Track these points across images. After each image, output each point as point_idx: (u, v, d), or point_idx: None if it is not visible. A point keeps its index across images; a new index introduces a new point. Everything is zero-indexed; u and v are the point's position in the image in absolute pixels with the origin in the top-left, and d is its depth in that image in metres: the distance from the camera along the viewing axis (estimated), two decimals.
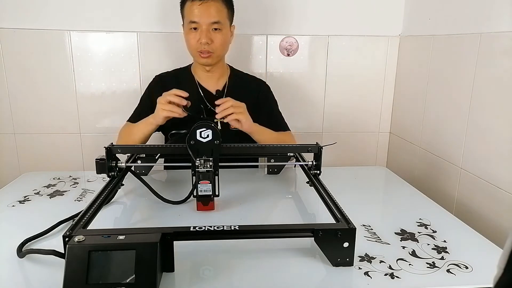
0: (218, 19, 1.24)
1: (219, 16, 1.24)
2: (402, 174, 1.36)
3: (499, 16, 1.11)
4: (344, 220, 0.77)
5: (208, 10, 1.22)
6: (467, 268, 0.76)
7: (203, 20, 1.23)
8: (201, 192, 0.94)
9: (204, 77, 1.37)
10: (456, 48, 1.30)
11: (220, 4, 1.24)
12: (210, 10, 1.22)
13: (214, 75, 1.36)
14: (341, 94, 1.76)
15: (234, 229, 0.73)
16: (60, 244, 0.67)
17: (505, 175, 1.09)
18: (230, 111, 1.11)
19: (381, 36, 1.71)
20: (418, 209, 1.04)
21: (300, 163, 1.15)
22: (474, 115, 1.21)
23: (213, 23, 1.23)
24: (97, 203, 0.84)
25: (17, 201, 1.05)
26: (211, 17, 1.23)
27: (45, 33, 1.56)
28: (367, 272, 0.74)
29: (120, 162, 1.04)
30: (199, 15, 1.22)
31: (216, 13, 1.23)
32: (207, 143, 0.93)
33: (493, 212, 1.13)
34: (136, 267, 0.63)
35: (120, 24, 1.59)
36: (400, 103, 1.74)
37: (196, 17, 1.23)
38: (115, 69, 1.63)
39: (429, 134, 1.49)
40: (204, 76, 1.36)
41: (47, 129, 1.66)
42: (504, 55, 1.09)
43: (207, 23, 1.23)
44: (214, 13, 1.23)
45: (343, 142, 1.78)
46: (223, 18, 1.26)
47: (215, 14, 1.23)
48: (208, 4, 1.22)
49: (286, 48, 1.69)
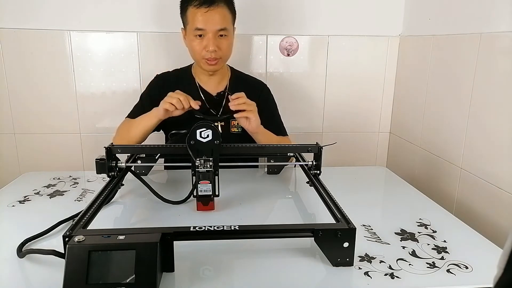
0: (225, 26, 1.22)
1: (225, 22, 1.22)
2: (402, 174, 1.36)
3: (499, 16, 1.11)
4: (344, 220, 0.77)
5: (214, 17, 1.20)
6: (467, 268, 0.76)
7: (210, 28, 1.20)
8: (201, 192, 0.94)
9: (205, 79, 1.36)
10: (456, 48, 1.30)
11: (225, 10, 1.22)
12: (216, 17, 1.20)
13: (215, 78, 1.36)
14: (341, 94, 1.76)
15: (234, 229, 0.73)
16: (60, 244, 0.67)
17: (505, 175, 1.09)
18: (243, 107, 1.11)
19: (381, 36, 1.71)
20: (418, 209, 1.04)
21: (300, 163, 1.15)
22: (474, 115, 1.21)
23: (219, 30, 1.22)
24: (97, 203, 0.84)
25: (17, 201, 1.05)
26: (217, 24, 1.21)
27: (45, 33, 1.56)
28: (367, 272, 0.74)
29: (120, 162, 1.04)
30: (205, 23, 1.20)
31: (223, 20, 1.22)
32: (207, 143, 0.93)
33: (493, 212, 1.13)
34: (136, 267, 0.63)
35: (120, 24, 1.59)
36: (400, 103, 1.74)
37: (202, 24, 1.20)
38: (115, 69, 1.64)
39: (429, 134, 1.49)
40: (205, 78, 1.36)
41: (47, 129, 1.66)
42: (504, 55, 1.09)
43: (214, 30, 1.21)
44: (221, 20, 1.21)
45: (343, 142, 1.78)
46: (229, 24, 1.24)
47: (222, 21, 1.21)
48: (214, 11, 1.20)
49: (286, 48, 1.69)
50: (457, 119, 1.29)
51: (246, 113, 1.12)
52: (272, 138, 1.28)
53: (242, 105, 1.11)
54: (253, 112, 1.14)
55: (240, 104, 1.11)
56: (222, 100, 1.34)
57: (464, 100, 1.25)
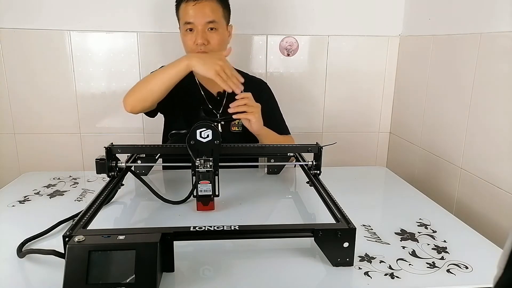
0: (213, 19, 1.23)
1: (214, 15, 1.23)
2: (402, 174, 1.36)
3: (499, 16, 1.11)
4: (344, 220, 0.77)
5: (202, 10, 1.21)
6: (467, 268, 0.76)
7: (198, 21, 1.22)
8: (201, 192, 0.94)
9: (206, 79, 1.35)
10: (456, 48, 1.30)
11: (214, 4, 1.24)
12: (204, 10, 1.22)
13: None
14: (341, 94, 1.76)
15: (234, 229, 0.73)
16: (60, 244, 0.67)
17: (505, 175, 1.09)
18: (243, 109, 1.11)
19: (381, 36, 1.71)
20: (418, 209, 1.04)
21: (300, 163, 1.15)
22: (474, 115, 1.21)
23: (208, 22, 1.22)
24: (97, 203, 0.84)
25: (17, 201, 1.05)
26: (206, 16, 1.22)
27: (45, 33, 1.56)
28: (367, 272, 0.74)
29: (120, 162, 1.04)
30: (194, 16, 1.22)
31: (211, 13, 1.22)
32: (207, 143, 0.93)
33: (493, 212, 1.13)
34: (136, 267, 0.63)
35: (120, 24, 1.59)
36: (400, 103, 1.74)
37: (191, 17, 1.22)
38: (115, 69, 1.64)
39: (429, 134, 1.49)
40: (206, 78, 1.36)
41: (47, 129, 1.66)
42: (504, 55, 1.09)
43: (202, 23, 1.22)
44: (209, 12, 1.22)
45: (343, 142, 1.78)
46: (219, 17, 1.25)
47: (210, 13, 1.22)
48: (202, 4, 1.21)
49: (286, 48, 1.69)
50: (457, 119, 1.29)
51: (246, 115, 1.12)
52: (276, 139, 1.28)
53: (242, 106, 1.11)
54: (253, 114, 1.13)
55: (239, 106, 1.11)
56: (222, 100, 1.34)
57: (464, 100, 1.25)
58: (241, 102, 1.11)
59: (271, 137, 1.26)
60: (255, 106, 1.14)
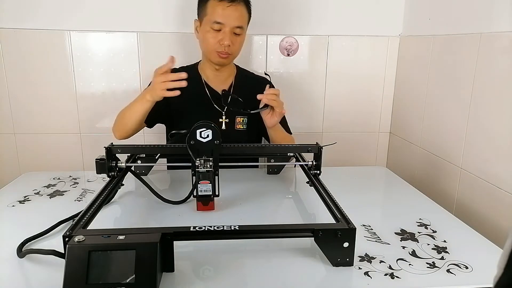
0: (241, 24, 1.25)
1: (242, 21, 1.25)
2: (402, 174, 1.36)
3: (499, 16, 1.11)
4: (344, 220, 0.77)
5: (234, 13, 1.23)
6: (467, 268, 0.76)
7: (229, 23, 1.22)
8: (201, 192, 0.94)
9: (212, 77, 1.37)
10: (456, 48, 1.30)
11: (244, 9, 1.26)
12: (236, 13, 1.23)
13: (222, 75, 1.37)
14: (341, 94, 1.76)
15: (234, 229, 0.73)
16: (60, 244, 0.67)
17: (505, 175, 1.09)
18: (274, 104, 1.17)
19: (381, 36, 1.70)
20: (418, 209, 1.04)
21: (300, 163, 1.15)
22: (474, 115, 1.21)
23: (236, 27, 1.24)
24: (97, 203, 0.84)
25: (17, 201, 1.05)
26: (236, 21, 1.23)
27: (45, 33, 1.56)
28: (367, 272, 0.74)
29: (120, 162, 1.04)
30: (225, 17, 1.22)
31: (241, 18, 1.25)
32: (207, 143, 0.93)
33: (493, 212, 1.13)
34: (136, 267, 0.63)
35: (120, 24, 1.59)
36: (400, 103, 1.74)
37: (222, 18, 1.22)
38: (115, 69, 1.63)
39: (429, 134, 1.49)
40: (212, 76, 1.36)
41: (47, 129, 1.66)
42: (504, 55, 1.09)
43: (232, 26, 1.23)
44: (239, 17, 1.24)
45: (343, 142, 1.78)
46: (245, 24, 1.28)
47: (240, 18, 1.24)
48: (234, 8, 1.22)
49: (286, 48, 1.69)
50: (457, 119, 1.29)
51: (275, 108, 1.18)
52: (284, 137, 1.32)
53: (273, 101, 1.17)
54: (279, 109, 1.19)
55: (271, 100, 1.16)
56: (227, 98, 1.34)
57: (464, 100, 1.25)
58: (271, 96, 1.16)
59: (279, 133, 1.30)
60: (282, 103, 1.20)
